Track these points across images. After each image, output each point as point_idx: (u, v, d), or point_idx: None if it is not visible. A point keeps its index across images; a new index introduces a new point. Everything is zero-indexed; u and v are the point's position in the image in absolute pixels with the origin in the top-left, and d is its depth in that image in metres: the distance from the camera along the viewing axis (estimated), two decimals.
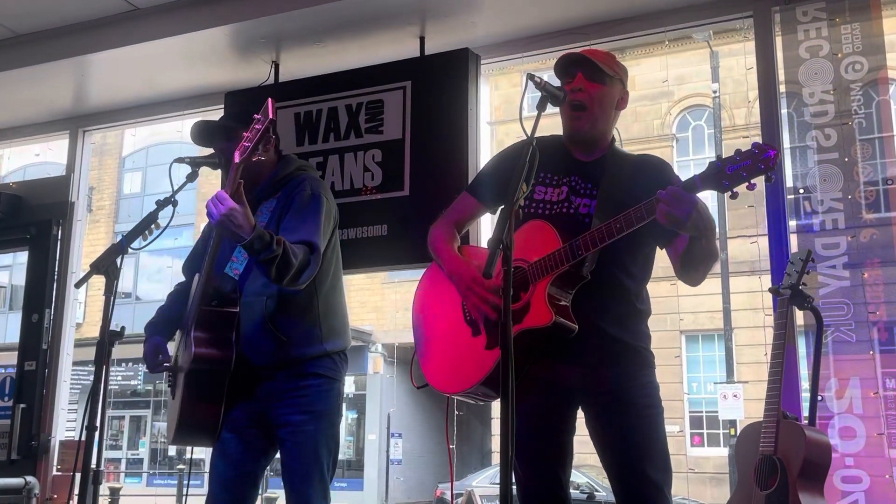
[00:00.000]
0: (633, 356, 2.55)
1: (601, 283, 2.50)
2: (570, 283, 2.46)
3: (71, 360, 5.27)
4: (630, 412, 2.48)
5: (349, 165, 4.40)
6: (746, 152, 2.18)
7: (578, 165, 2.63)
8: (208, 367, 2.77)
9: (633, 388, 2.51)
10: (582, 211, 2.56)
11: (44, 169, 10.06)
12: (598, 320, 2.51)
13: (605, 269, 2.50)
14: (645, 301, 2.64)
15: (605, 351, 2.52)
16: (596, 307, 2.50)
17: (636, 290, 2.61)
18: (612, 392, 2.50)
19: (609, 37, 4.37)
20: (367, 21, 4.30)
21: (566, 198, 2.59)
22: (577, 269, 2.45)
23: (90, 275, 2.83)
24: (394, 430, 16.89)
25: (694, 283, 2.56)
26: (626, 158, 2.67)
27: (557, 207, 2.59)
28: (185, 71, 4.88)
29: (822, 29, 3.81)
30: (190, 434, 2.90)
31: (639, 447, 2.47)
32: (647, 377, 2.56)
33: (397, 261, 4.45)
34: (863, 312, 3.53)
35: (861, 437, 3.45)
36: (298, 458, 2.81)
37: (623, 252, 2.52)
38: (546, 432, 2.55)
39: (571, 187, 2.60)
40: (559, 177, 2.63)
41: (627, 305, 2.58)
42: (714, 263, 2.52)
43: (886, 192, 3.71)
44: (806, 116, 3.80)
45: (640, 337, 2.59)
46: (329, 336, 2.90)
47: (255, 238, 2.60)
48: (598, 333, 2.51)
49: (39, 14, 4.62)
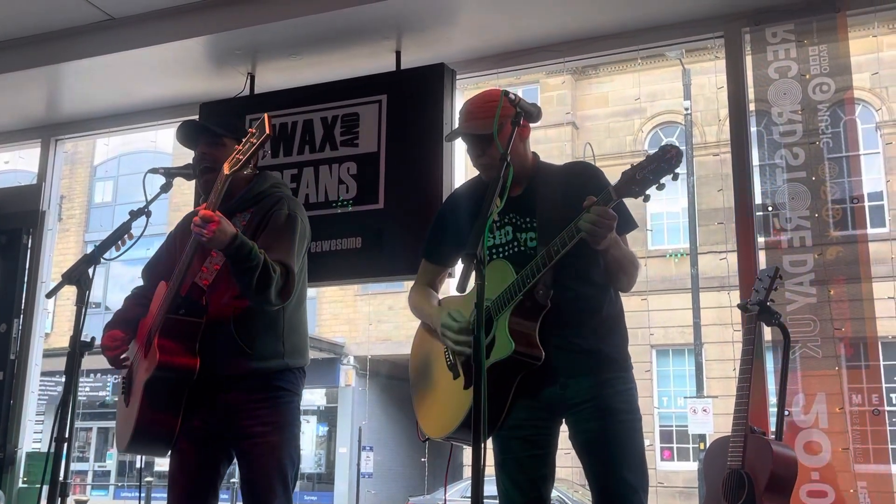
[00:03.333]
0: (609, 364, 2.59)
1: (566, 300, 2.54)
2: (531, 312, 2.51)
3: (39, 370, 5.21)
4: (608, 419, 2.52)
5: (324, 178, 4.41)
6: (651, 156, 2.26)
7: (513, 202, 2.65)
8: (171, 376, 2.75)
9: (610, 395, 2.55)
10: (530, 244, 2.62)
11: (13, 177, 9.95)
12: (572, 337, 2.55)
13: (566, 286, 2.55)
14: (614, 300, 2.67)
15: (581, 364, 2.56)
16: (566, 325, 2.55)
17: (603, 294, 2.64)
18: (590, 401, 2.54)
19: (582, 54, 4.44)
20: (343, 34, 4.31)
21: (513, 237, 2.66)
22: (532, 299, 2.50)
23: (62, 285, 2.80)
24: (365, 443, 16.80)
25: (622, 288, 2.64)
26: (553, 176, 2.71)
27: (508, 248, 2.66)
28: (159, 81, 4.86)
29: (790, 50, 3.88)
30: (145, 442, 2.87)
31: (617, 452, 2.51)
32: (624, 383, 2.60)
33: (371, 273, 4.46)
34: (829, 329, 3.59)
35: (827, 452, 3.50)
36: (261, 469, 2.79)
37: (580, 262, 2.55)
38: (529, 447, 2.59)
39: (514, 225, 2.66)
40: (500, 218, 2.67)
41: (597, 314, 2.61)
42: (633, 268, 2.60)
43: (853, 210, 3.77)
44: (775, 135, 3.86)
45: (615, 342, 2.63)
46: (291, 352, 2.90)
47: (240, 244, 2.60)
48: (573, 349, 2.55)
49: (13, 22, 4.58)
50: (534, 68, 4.73)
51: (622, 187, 2.31)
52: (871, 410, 3.57)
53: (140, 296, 3.09)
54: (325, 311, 18.26)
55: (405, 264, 4.22)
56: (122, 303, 3.13)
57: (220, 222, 2.58)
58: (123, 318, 3.03)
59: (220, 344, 2.80)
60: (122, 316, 3.04)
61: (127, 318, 3.03)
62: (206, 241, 2.59)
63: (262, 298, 2.70)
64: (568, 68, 14.17)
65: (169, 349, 2.73)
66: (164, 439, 2.82)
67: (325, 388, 18.25)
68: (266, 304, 2.74)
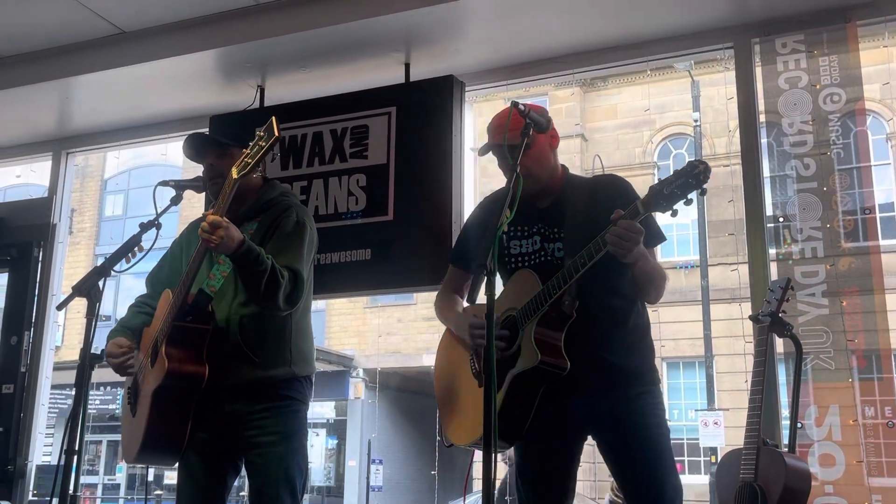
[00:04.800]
0: (636, 379, 2.59)
1: (593, 312, 2.54)
2: (556, 323, 2.51)
3: (49, 383, 5.21)
4: (638, 434, 2.52)
5: (333, 190, 4.41)
6: (679, 171, 2.26)
7: (541, 213, 2.69)
8: (180, 384, 2.74)
9: (637, 411, 2.54)
10: (557, 255, 2.63)
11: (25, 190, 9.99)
12: (598, 350, 2.56)
13: (594, 297, 2.55)
14: (642, 314, 2.68)
15: (608, 380, 2.55)
16: (593, 338, 2.55)
17: (630, 307, 2.64)
18: (619, 420, 2.54)
19: (591, 66, 4.44)
20: (352, 47, 4.32)
21: (541, 247, 2.67)
22: (558, 309, 2.50)
23: (72, 297, 2.80)
24: (375, 456, 16.75)
25: (650, 301, 2.65)
26: (582, 189, 2.72)
27: (535, 257, 2.67)
28: (169, 94, 4.88)
29: (800, 61, 3.87)
30: (154, 452, 2.86)
31: (650, 472, 2.51)
32: (652, 398, 2.59)
33: (380, 285, 4.46)
34: (841, 340, 3.56)
35: (841, 465, 3.47)
36: (269, 479, 2.78)
37: (608, 274, 2.55)
38: (552, 458, 2.61)
39: (543, 235, 2.68)
40: (528, 227, 2.70)
41: (624, 326, 2.62)
42: (661, 280, 2.60)
43: (864, 221, 3.75)
44: (785, 146, 3.85)
45: (642, 356, 2.63)
46: (298, 360, 2.89)
47: (247, 250, 2.60)
48: (600, 363, 2.55)
49: (24, 36, 4.62)
50: (543, 80, 4.73)
51: (649, 202, 2.32)
52: (885, 423, 3.54)
53: (143, 304, 3.09)
54: (334, 324, 18.26)
55: (414, 276, 4.22)
56: (126, 311, 3.13)
57: (228, 228, 2.58)
58: (127, 326, 3.02)
59: (227, 352, 2.80)
60: (126, 324, 3.04)
61: (130, 325, 3.02)
62: (213, 247, 2.59)
63: (270, 304, 2.70)
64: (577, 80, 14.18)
65: (177, 357, 2.73)
66: (173, 449, 2.81)
67: (335, 401, 18.23)
68: (274, 310, 2.74)
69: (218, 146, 2.94)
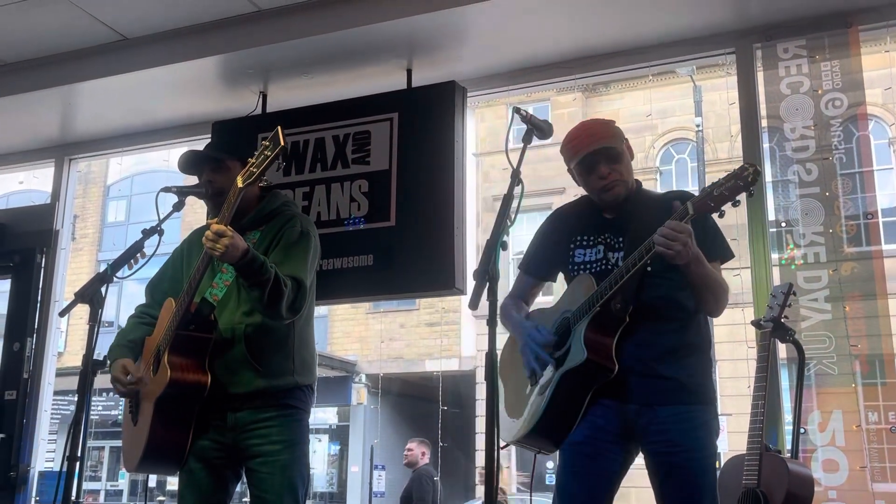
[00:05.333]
0: (687, 395, 2.55)
1: (648, 320, 2.54)
2: (609, 325, 2.51)
3: (52, 389, 5.21)
4: (680, 455, 2.49)
5: (336, 196, 4.42)
6: (730, 174, 2.31)
7: (608, 223, 2.72)
8: (183, 393, 2.74)
9: (685, 429, 2.51)
10: (618, 265, 2.61)
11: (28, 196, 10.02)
12: (648, 358, 2.54)
13: (651, 305, 2.55)
14: (702, 331, 2.66)
15: (657, 389, 2.53)
16: (644, 344, 2.53)
17: (688, 320, 2.62)
18: (663, 433, 2.51)
19: (593, 71, 4.44)
20: (354, 53, 4.33)
21: (603, 256, 2.68)
22: (609, 311, 2.50)
23: (75, 303, 2.81)
24: (377, 461, 16.72)
25: (710, 311, 2.63)
26: (649, 201, 2.72)
27: (597, 266, 2.67)
28: (172, 100, 4.89)
29: (802, 66, 3.87)
30: (156, 461, 2.85)
31: (687, 491, 2.49)
32: (702, 417, 2.55)
33: (383, 291, 4.46)
34: (844, 345, 3.56)
35: (844, 471, 3.46)
36: (272, 488, 2.77)
37: (670, 285, 2.56)
38: (593, 464, 2.57)
39: (606, 244, 2.69)
40: (594, 237, 2.72)
41: (678, 340, 2.59)
42: (721, 291, 2.57)
43: (867, 226, 3.75)
44: (787, 151, 3.85)
45: (695, 372, 2.59)
46: (301, 369, 2.90)
47: (251, 259, 2.61)
48: (649, 371, 2.53)
49: (27, 43, 4.63)
50: (545, 85, 4.74)
51: (699, 203, 2.35)
52: (889, 428, 3.53)
53: (144, 314, 3.09)
54: (336, 329, 18.24)
55: (417, 282, 4.22)
56: (126, 322, 3.12)
57: (233, 237, 2.59)
58: (129, 340, 3.02)
59: (230, 360, 2.80)
60: (127, 337, 3.03)
61: (132, 338, 3.02)
62: (218, 256, 2.60)
63: (273, 312, 2.71)
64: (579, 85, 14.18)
65: (180, 366, 2.73)
66: (175, 457, 2.81)
67: (337, 407, 18.20)
68: (277, 318, 2.74)
69: (213, 161, 2.95)
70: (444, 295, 4.44)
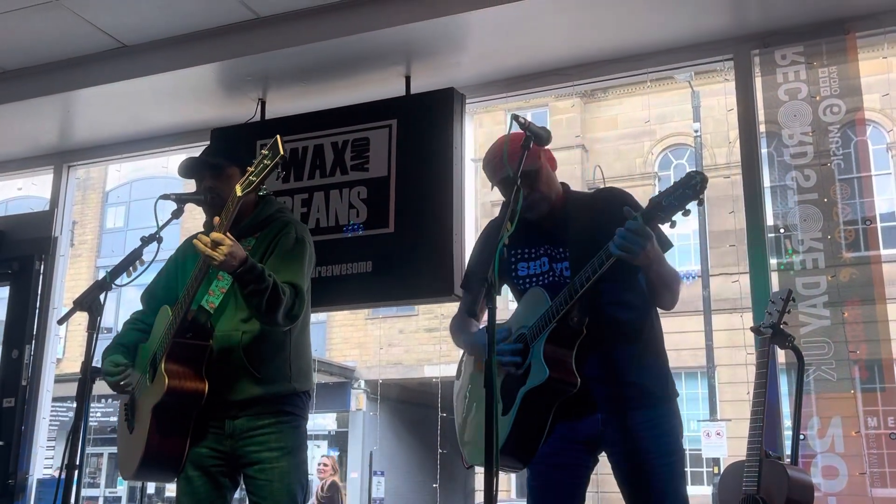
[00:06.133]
0: (649, 399, 2.55)
1: (603, 328, 2.53)
2: (566, 339, 2.49)
3: (51, 396, 5.21)
4: (649, 461, 2.49)
5: (334, 202, 4.42)
6: (677, 182, 2.26)
7: (545, 233, 2.69)
8: (181, 400, 2.74)
9: (652, 436, 2.51)
10: (566, 274, 2.61)
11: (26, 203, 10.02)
12: (609, 367, 2.54)
13: (603, 312, 2.54)
14: (655, 328, 2.66)
15: (621, 397, 2.53)
16: (604, 354, 2.54)
17: (642, 320, 2.63)
18: (629, 440, 2.51)
19: (591, 78, 4.44)
20: (353, 60, 4.34)
21: (549, 267, 2.66)
22: (567, 325, 2.49)
23: (73, 311, 2.80)
24: (376, 468, 16.69)
25: (666, 305, 2.62)
26: (583, 205, 2.72)
27: (544, 278, 2.66)
28: (171, 108, 4.90)
29: (800, 72, 3.88)
30: (154, 468, 2.84)
31: (657, 496, 2.49)
32: (668, 421, 2.56)
33: (382, 297, 4.47)
34: (843, 351, 3.56)
35: (843, 477, 3.46)
36: (271, 495, 2.77)
37: (617, 288, 2.55)
38: (562, 475, 2.58)
39: (550, 255, 2.67)
40: (534, 249, 2.70)
41: (637, 341, 2.60)
42: (676, 284, 2.58)
43: (865, 231, 3.75)
44: (785, 157, 3.85)
45: (656, 372, 2.60)
46: (298, 376, 2.90)
47: (249, 268, 2.61)
48: (612, 381, 2.53)
49: (26, 50, 4.63)
50: (543, 92, 4.74)
51: (649, 213, 2.32)
52: (888, 434, 3.53)
53: (139, 321, 3.09)
54: (335, 335, 18.22)
55: (416, 288, 4.22)
56: (121, 328, 3.12)
57: (231, 245, 2.59)
58: (122, 344, 3.02)
59: (228, 368, 2.80)
60: (120, 341, 3.03)
61: (125, 343, 3.02)
62: (216, 264, 2.59)
63: (271, 320, 2.71)
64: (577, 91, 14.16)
65: (177, 374, 2.73)
66: (172, 465, 2.81)
67: (336, 413, 18.17)
68: (274, 325, 2.75)
69: (214, 168, 2.95)
70: (443, 301, 4.44)
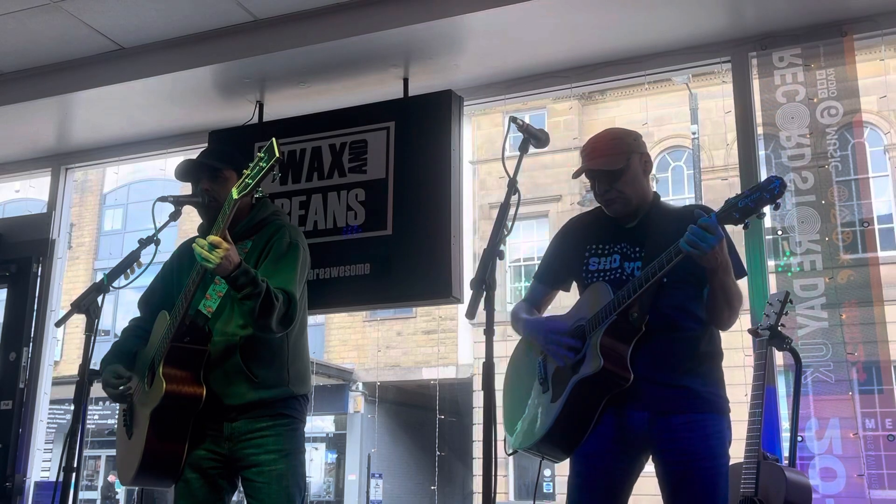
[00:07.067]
0: (700, 403, 2.54)
1: (663, 329, 2.53)
2: (624, 334, 2.50)
3: (48, 399, 5.20)
4: (693, 464, 2.48)
5: (332, 204, 4.42)
6: (755, 185, 2.30)
7: (625, 233, 2.71)
8: (178, 404, 2.74)
9: (699, 439, 2.50)
10: (636, 274, 2.60)
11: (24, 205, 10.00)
12: (662, 367, 2.53)
13: (666, 315, 2.55)
14: (714, 342, 2.65)
15: (671, 398, 2.52)
16: (659, 354, 2.53)
17: (701, 331, 2.61)
18: (676, 441, 2.50)
19: (589, 80, 4.44)
20: (351, 62, 4.34)
21: (619, 265, 2.67)
22: (627, 320, 2.50)
23: (71, 314, 2.81)
24: (374, 470, 16.68)
25: (723, 324, 2.61)
26: (668, 214, 2.73)
27: (612, 274, 2.67)
28: (168, 110, 4.89)
29: (797, 74, 3.89)
30: (152, 473, 2.84)
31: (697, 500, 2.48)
32: (715, 425, 2.54)
33: (380, 300, 4.46)
34: (841, 353, 3.56)
35: (841, 478, 3.46)
36: (269, 498, 2.78)
37: (684, 295, 2.57)
38: (605, 478, 2.57)
39: (623, 254, 2.68)
40: (609, 246, 2.71)
41: (692, 349, 2.58)
42: (738, 303, 2.58)
43: (863, 233, 3.76)
44: (783, 159, 3.86)
45: (709, 381, 2.58)
46: (295, 380, 2.90)
47: (242, 272, 2.61)
48: (663, 380, 2.53)
49: (24, 53, 4.63)
50: (541, 94, 4.75)
51: (724, 214, 2.33)
52: (886, 435, 3.53)
53: (138, 327, 3.09)
54: (333, 337, 18.23)
55: (414, 290, 4.22)
56: (120, 335, 3.12)
57: (228, 248, 2.59)
58: (121, 351, 3.02)
59: (226, 372, 2.80)
60: (120, 348, 3.03)
61: (125, 350, 3.02)
62: (212, 268, 2.59)
63: (263, 325, 2.71)
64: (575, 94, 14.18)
65: (175, 378, 2.73)
66: (171, 470, 2.81)
67: (334, 415, 18.18)
68: (267, 332, 2.74)
69: (211, 170, 2.95)
70: (440, 303, 4.44)
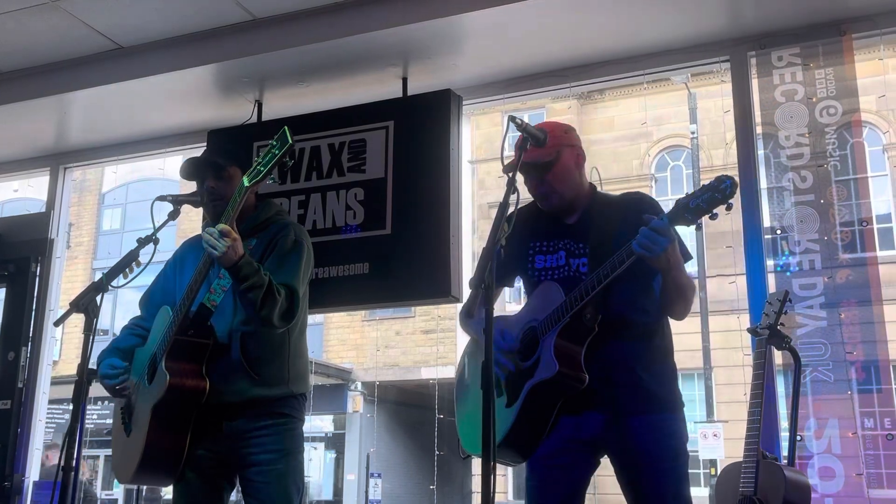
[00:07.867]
0: (656, 403, 2.54)
1: (615, 327, 2.52)
2: (578, 335, 2.49)
3: (47, 398, 5.19)
4: (653, 466, 2.48)
5: (331, 204, 4.42)
6: (706, 185, 2.27)
7: (567, 229, 2.69)
8: (182, 398, 2.74)
9: (657, 440, 2.49)
10: (582, 270, 2.60)
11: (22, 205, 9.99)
12: (616, 367, 2.52)
13: (616, 312, 2.53)
14: (666, 335, 2.65)
15: (627, 398, 2.52)
16: (614, 353, 2.52)
17: (654, 325, 2.61)
18: (634, 444, 2.49)
19: (588, 79, 4.44)
20: (350, 62, 4.34)
21: (566, 262, 2.65)
22: (580, 321, 2.48)
23: (69, 313, 2.80)
24: (373, 470, 16.68)
25: (677, 315, 2.61)
26: (609, 205, 2.71)
27: (560, 272, 2.65)
28: (167, 109, 4.89)
29: (796, 73, 3.89)
30: (152, 470, 2.84)
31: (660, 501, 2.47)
32: (672, 425, 2.54)
33: (379, 299, 4.46)
34: (840, 352, 3.56)
35: (840, 477, 3.46)
36: (268, 497, 2.78)
37: (632, 290, 2.55)
38: (563, 476, 2.56)
39: (568, 250, 2.66)
40: (553, 242, 2.69)
41: (646, 344, 2.58)
42: (691, 293, 2.56)
43: (862, 232, 3.76)
44: (782, 158, 3.86)
45: (663, 379, 2.58)
46: (295, 379, 2.90)
47: (246, 262, 2.61)
48: (620, 381, 2.52)
49: (23, 52, 4.62)
50: (540, 94, 4.75)
51: (675, 215, 2.32)
52: (885, 434, 3.53)
53: (136, 325, 3.09)
54: (332, 337, 18.22)
55: (413, 290, 4.22)
56: (119, 333, 3.12)
57: (236, 238, 2.60)
58: (119, 348, 3.02)
59: (226, 367, 2.81)
60: (118, 345, 3.03)
61: (122, 347, 3.02)
62: (217, 256, 2.60)
63: (264, 319, 2.71)
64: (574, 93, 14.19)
65: (178, 371, 2.73)
66: (171, 465, 2.81)
67: (333, 415, 18.17)
68: (269, 325, 2.75)
69: (216, 168, 2.95)
70: (440, 303, 4.44)
